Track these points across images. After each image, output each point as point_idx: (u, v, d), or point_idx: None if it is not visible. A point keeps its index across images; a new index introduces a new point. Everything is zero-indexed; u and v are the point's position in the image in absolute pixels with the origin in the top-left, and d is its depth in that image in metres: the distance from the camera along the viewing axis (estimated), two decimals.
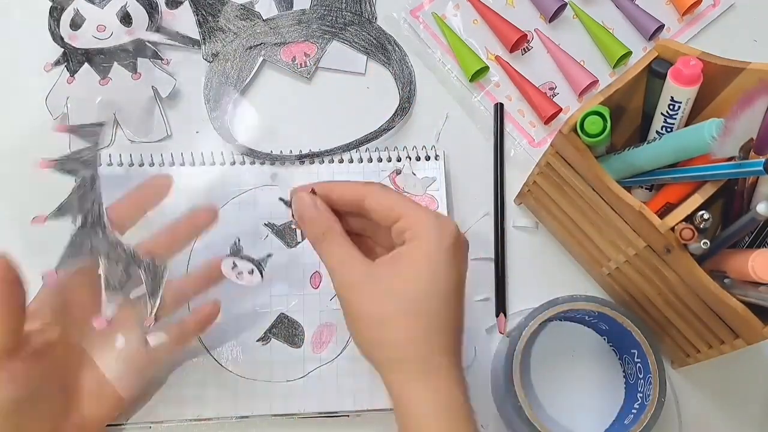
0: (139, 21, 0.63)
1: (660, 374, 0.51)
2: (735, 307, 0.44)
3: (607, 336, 0.57)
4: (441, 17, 0.66)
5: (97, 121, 0.52)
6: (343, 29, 0.65)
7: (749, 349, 0.47)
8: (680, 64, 0.46)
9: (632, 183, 0.51)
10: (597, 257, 0.55)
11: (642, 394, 0.52)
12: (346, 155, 0.60)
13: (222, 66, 0.63)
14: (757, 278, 0.43)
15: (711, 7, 0.68)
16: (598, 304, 0.52)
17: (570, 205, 0.54)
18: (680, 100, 0.47)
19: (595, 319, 0.54)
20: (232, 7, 0.65)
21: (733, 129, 0.42)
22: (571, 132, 0.47)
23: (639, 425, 0.49)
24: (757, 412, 0.57)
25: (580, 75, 0.64)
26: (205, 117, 0.62)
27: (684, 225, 0.44)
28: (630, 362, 0.54)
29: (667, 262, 0.48)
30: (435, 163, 0.60)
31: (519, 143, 0.63)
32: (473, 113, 0.64)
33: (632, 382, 0.54)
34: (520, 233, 0.61)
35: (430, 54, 0.65)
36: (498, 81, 0.65)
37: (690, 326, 0.51)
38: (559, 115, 0.63)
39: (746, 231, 0.46)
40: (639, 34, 0.66)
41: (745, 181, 0.48)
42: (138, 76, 0.62)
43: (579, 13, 0.67)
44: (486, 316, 0.58)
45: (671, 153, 0.47)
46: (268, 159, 0.59)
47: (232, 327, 0.55)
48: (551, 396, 0.56)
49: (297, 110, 0.63)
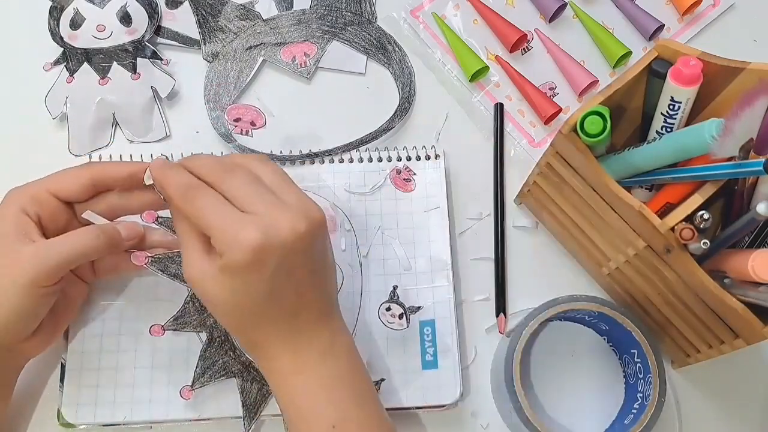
0: (138, 21, 0.63)
1: (660, 374, 0.51)
2: (735, 307, 0.44)
3: (607, 336, 0.57)
4: (441, 17, 0.66)
5: None
6: (343, 29, 0.65)
7: (749, 349, 0.47)
8: (680, 64, 0.46)
9: (632, 183, 0.51)
10: (597, 257, 0.55)
11: (642, 394, 0.52)
12: (346, 155, 0.60)
13: (222, 66, 0.63)
14: (757, 278, 0.43)
15: (711, 7, 0.68)
16: (598, 304, 0.52)
17: (570, 205, 0.54)
18: (680, 100, 0.47)
19: (595, 319, 0.54)
20: (232, 7, 0.65)
21: (733, 129, 0.42)
22: (571, 132, 0.47)
23: (639, 425, 0.49)
24: (757, 412, 0.57)
25: (580, 75, 0.64)
26: (205, 117, 0.62)
27: (684, 225, 0.44)
28: (630, 362, 0.54)
29: (667, 262, 0.48)
30: (435, 163, 0.60)
31: (519, 143, 0.63)
32: (473, 113, 0.64)
33: (632, 382, 0.54)
34: (520, 233, 0.61)
35: (430, 54, 0.65)
36: (498, 81, 0.65)
37: (690, 326, 0.51)
38: (559, 115, 0.63)
39: (746, 231, 0.46)
40: (639, 34, 0.66)
41: (745, 181, 0.48)
42: (137, 76, 0.62)
43: (579, 13, 0.67)
44: (486, 316, 0.58)
45: (671, 153, 0.47)
46: None
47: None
48: (551, 396, 0.55)
49: (297, 110, 0.63)
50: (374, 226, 0.58)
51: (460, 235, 0.60)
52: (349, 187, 0.59)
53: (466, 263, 0.59)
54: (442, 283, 0.56)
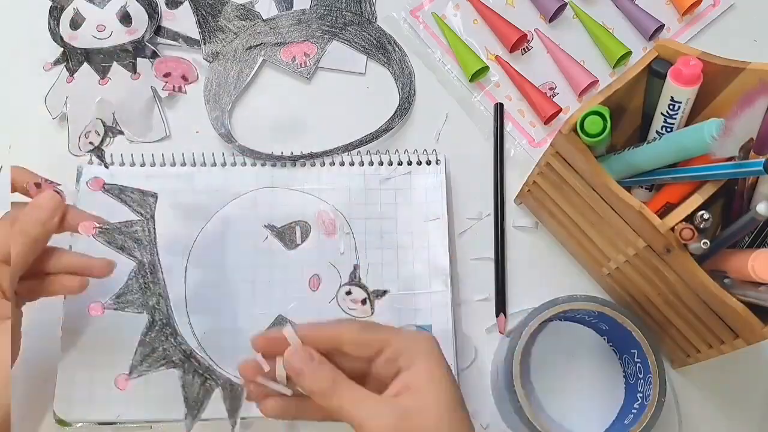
0: (138, 21, 0.63)
1: (660, 374, 0.51)
2: (735, 307, 0.44)
3: (607, 336, 0.57)
4: (441, 17, 0.66)
5: (151, 191, 0.51)
6: (343, 29, 0.65)
7: (749, 349, 0.47)
8: (680, 64, 0.46)
9: (632, 183, 0.51)
10: (597, 257, 0.55)
11: (642, 394, 0.52)
12: (347, 158, 0.60)
13: (222, 66, 0.63)
14: (757, 278, 0.43)
15: (711, 7, 0.68)
16: (598, 304, 0.52)
17: (570, 205, 0.54)
18: (680, 100, 0.47)
19: (595, 319, 0.54)
20: (232, 7, 0.65)
21: (733, 129, 0.42)
22: (571, 132, 0.47)
23: (639, 425, 0.49)
24: (757, 412, 0.57)
25: (580, 75, 0.64)
26: (205, 117, 0.62)
27: (684, 225, 0.44)
28: (630, 362, 0.54)
29: (667, 262, 0.48)
30: (435, 168, 0.60)
31: (519, 143, 0.63)
32: (473, 113, 0.64)
33: (632, 382, 0.54)
34: (520, 233, 0.61)
35: (430, 54, 0.65)
36: (498, 81, 0.65)
37: (690, 326, 0.51)
38: (559, 115, 0.63)
39: (746, 231, 0.46)
40: (639, 34, 0.66)
41: (745, 181, 0.48)
42: (137, 76, 0.62)
43: (579, 13, 0.67)
44: (486, 316, 0.58)
45: (671, 153, 0.47)
46: (268, 160, 0.59)
47: (230, 329, 0.54)
48: (551, 396, 0.55)
49: (297, 110, 0.63)
50: (373, 230, 0.58)
51: (460, 235, 0.60)
52: (349, 191, 0.59)
53: (466, 263, 0.59)
54: (439, 289, 0.56)
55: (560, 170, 0.51)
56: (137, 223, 0.49)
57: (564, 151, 0.50)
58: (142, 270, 0.51)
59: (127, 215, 0.55)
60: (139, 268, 0.51)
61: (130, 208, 0.50)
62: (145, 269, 0.51)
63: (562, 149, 0.50)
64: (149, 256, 0.50)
